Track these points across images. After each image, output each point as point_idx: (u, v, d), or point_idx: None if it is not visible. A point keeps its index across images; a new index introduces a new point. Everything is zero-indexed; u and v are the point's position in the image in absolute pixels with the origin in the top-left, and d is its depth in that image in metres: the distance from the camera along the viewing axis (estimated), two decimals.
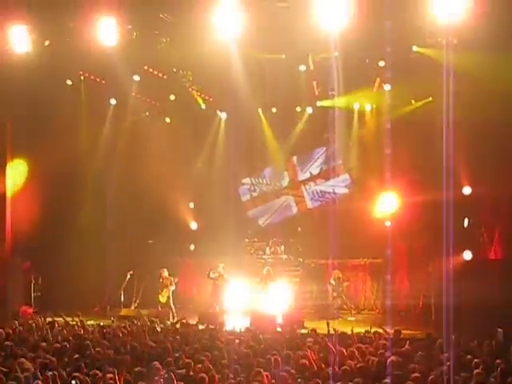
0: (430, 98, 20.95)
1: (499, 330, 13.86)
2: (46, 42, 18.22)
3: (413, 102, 21.60)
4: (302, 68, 20.00)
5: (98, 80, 21.43)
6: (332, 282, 20.99)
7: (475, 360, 10.42)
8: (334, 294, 20.98)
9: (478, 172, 19.72)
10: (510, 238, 19.53)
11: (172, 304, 20.46)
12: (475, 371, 9.77)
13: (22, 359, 10.73)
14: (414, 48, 18.15)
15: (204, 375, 9.73)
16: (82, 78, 21.10)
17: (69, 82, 20.93)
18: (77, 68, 20.46)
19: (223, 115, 24.42)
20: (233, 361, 10.76)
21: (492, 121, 18.41)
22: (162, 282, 20.63)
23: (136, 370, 10.15)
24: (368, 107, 22.82)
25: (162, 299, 20.45)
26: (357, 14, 16.09)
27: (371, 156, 22.59)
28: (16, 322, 15.87)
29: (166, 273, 20.81)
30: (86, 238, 21.67)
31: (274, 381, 9.74)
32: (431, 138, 20.23)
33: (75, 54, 19.05)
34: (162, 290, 20.51)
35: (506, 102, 18.03)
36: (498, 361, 10.17)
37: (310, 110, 23.28)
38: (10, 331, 14.04)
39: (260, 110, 23.45)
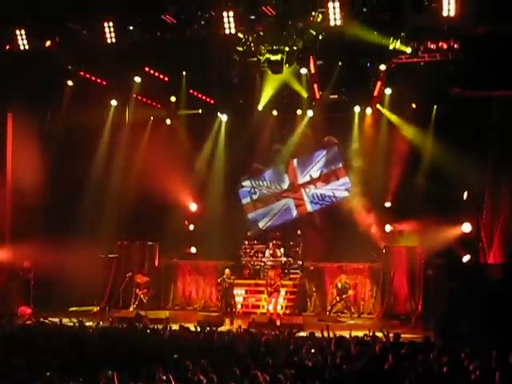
0: None
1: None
2: (48, 43, 18.25)
3: (413, 105, 21.66)
4: (304, 71, 19.99)
5: (99, 81, 21.44)
6: (338, 285, 20.96)
7: (472, 365, 10.38)
8: (337, 298, 20.96)
9: (478, 176, 19.76)
10: (509, 243, 19.55)
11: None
12: (472, 376, 9.74)
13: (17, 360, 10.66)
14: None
15: (202, 377, 9.70)
16: (83, 78, 21.11)
17: (70, 83, 20.91)
18: (78, 69, 20.44)
19: (224, 117, 24.45)
20: (231, 363, 10.71)
21: None
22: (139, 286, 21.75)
23: (135, 371, 10.12)
24: (368, 110, 22.82)
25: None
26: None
27: (372, 160, 22.66)
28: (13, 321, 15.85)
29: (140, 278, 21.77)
30: (86, 238, 21.61)
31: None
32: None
33: (76, 55, 19.14)
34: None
35: None
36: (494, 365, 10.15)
37: (310, 112, 23.28)
38: (7, 331, 14.01)
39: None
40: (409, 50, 17.92)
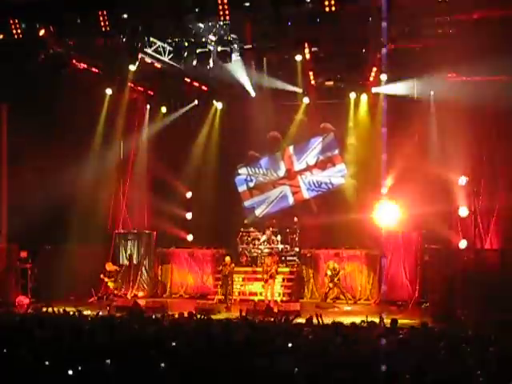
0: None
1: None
2: (41, 32, 18.16)
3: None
4: (299, 58, 19.90)
5: (93, 70, 21.35)
6: (328, 272, 21.01)
7: (469, 349, 10.42)
8: (331, 285, 21.01)
9: (475, 163, 19.78)
10: (506, 229, 19.59)
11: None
12: (470, 361, 9.78)
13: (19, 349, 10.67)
14: None
15: (200, 363, 9.72)
16: (77, 67, 21.01)
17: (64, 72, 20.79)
18: (72, 57, 20.33)
19: (219, 105, 24.42)
20: (229, 350, 10.73)
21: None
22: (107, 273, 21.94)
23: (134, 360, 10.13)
24: (364, 96, 22.82)
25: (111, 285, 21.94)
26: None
27: (368, 147, 22.65)
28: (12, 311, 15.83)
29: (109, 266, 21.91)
30: (83, 227, 21.60)
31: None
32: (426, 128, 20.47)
33: (71, 43, 19.07)
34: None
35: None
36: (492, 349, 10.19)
37: (306, 100, 23.28)
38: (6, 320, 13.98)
39: None
40: (403, 36, 17.92)
